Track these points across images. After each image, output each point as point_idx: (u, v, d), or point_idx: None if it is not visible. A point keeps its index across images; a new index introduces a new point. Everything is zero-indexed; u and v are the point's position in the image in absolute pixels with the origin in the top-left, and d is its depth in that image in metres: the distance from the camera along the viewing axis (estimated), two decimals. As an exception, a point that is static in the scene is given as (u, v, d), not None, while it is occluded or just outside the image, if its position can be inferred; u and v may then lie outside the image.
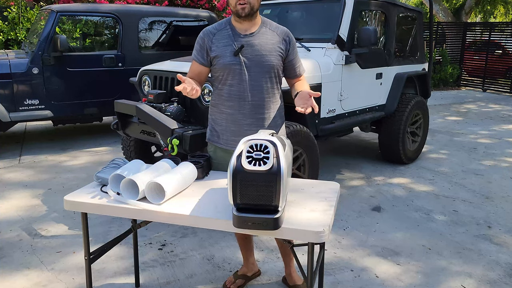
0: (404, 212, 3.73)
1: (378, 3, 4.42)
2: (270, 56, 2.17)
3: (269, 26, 2.22)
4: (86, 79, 5.54)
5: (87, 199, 1.92)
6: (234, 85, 2.19)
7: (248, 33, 2.16)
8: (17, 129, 6.54)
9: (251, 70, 2.16)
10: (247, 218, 1.59)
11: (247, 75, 2.17)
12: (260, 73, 2.18)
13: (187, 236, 3.20)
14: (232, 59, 2.14)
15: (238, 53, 2.14)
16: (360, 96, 4.29)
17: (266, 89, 2.21)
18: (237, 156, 1.60)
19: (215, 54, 2.16)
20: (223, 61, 2.15)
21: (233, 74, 2.17)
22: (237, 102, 2.20)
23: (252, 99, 2.20)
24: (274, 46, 2.18)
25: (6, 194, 3.98)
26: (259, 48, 2.15)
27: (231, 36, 2.16)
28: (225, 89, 2.21)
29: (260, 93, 2.20)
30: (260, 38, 2.17)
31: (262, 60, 2.16)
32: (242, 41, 2.15)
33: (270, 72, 2.20)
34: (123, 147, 4.23)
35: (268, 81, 2.21)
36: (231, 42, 2.15)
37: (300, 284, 2.56)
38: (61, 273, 2.71)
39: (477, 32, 12.55)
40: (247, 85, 2.18)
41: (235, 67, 2.15)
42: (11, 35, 7.51)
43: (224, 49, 2.15)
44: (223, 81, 2.21)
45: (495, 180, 4.57)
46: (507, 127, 7.30)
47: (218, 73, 2.21)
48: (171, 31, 6.50)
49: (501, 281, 2.69)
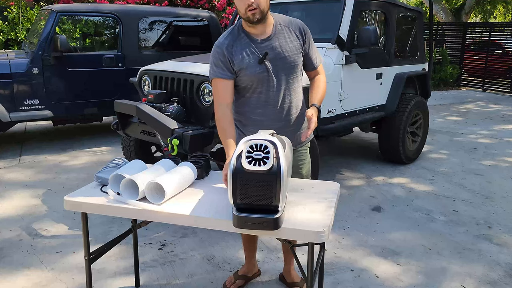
0: (404, 212, 3.72)
1: (378, 3, 4.42)
2: (292, 56, 2.11)
3: (282, 23, 2.12)
4: (86, 79, 5.54)
5: (87, 199, 1.92)
6: (263, 92, 2.12)
7: (265, 37, 2.07)
8: (17, 129, 6.54)
9: (278, 74, 2.10)
10: (247, 218, 1.59)
11: (275, 81, 2.10)
12: (287, 76, 2.12)
13: (187, 236, 3.20)
14: (258, 68, 2.06)
15: (263, 61, 2.06)
16: (360, 96, 4.29)
17: (294, 90, 2.17)
18: (237, 156, 1.60)
19: (239, 67, 2.06)
20: (251, 72, 2.06)
21: (262, 82, 2.09)
22: (267, 109, 2.14)
23: (281, 103, 2.14)
24: (294, 44, 2.11)
25: (6, 194, 3.98)
26: (281, 50, 2.08)
27: (250, 44, 2.06)
28: (254, 97, 2.14)
29: (289, 96, 2.15)
30: (279, 39, 2.09)
31: (287, 62, 2.10)
32: (263, 47, 2.06)
33: (296, 72, 2.15)
34: (123, 147, 4.23)
35: (295, 81, 2.16)
36: (253, 50, 2.06)
37: (298, 281, 2.56)
38: (61, 273, 2.71)
39: (477, 32, 12.54)
40: (275, 91, 2.11)
41: (263, 75, 2.08)
42: (11, 35, 7.51)
43: (248, 59, 2.05)
44: (252, 91, 2.13)
45: (495, 180, 4.57)
46: (507, 127, 7.30)
47: (245, 84, 2.11)
48: (171, 31, 6.50)
49: (501, 281, 2.69)
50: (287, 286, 2.59)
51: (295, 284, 2.56)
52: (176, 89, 3.54)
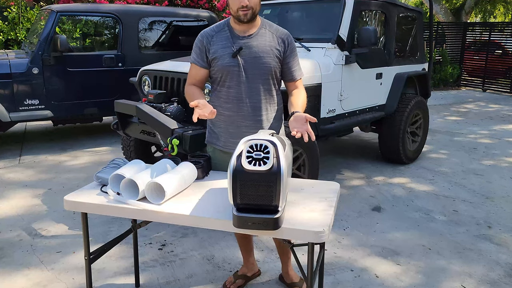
0: (404, 212, 3.73)
1: (378, 3, 4.42)
2: (267, 57, 2.15)
3: (268, 28, 2.20)
4: (86, 79, 5.54)
5: (87, 199, 1.92)
6: (232, 87, 2.18)
7: (246, 34, 2.15)
8: (17, 129, 6.54)
9: (248, 71, 2.15)
10: (247, 218, 1.59)
11: (244, 77, 2.16)
12: (257, 75, 2.17)
13: (187, 236, 3.20)
14: (230, 61, 2.13)
15: (236, 55, 2.13)
16: (360, 96, 4.29)
17: (263, 91, 2.21)
18: (237, 156, 1.60)
19: (213, 56, 2.16)
20: (222, 63, 2.14)
21: (231, 76, 2.16)
22: (235, 104, 2.20)
23: (250, 101, 2.19)
24: (271, 47, 2.17)
25: (6, 194, 3.98)
26: (257, 50, 2.14)
27: (229, 38, 2.15)
28: (223, 91, 2.21)
29: (257, 95, 2.19)
30: (258, 40, 2.15)
31: (259, 62, 2.15)
32: (241, 43, 2.14)
33: (267, 74, 2.18)
34: (123, 147, 4.23)
35: (265, 83, 2.20)
36: (229, 44, 2.14)
37: (297, 281, 2.57)
38: (61, 273, 2.71)
39: (477, 32, 12.54)
40: (244, 87, 2.17)
41: (233, 69, 2.14)
42: (11, 35, 7.51)
43: (222, 51, 2.14)
44: (221, 83, 2.21)
45: (495, 180, 4.57)
46: (507, 127, 7.30)
47: (216, 75, 2.20)
48: (171, 31, 6.49)
49: (501, 281, 2.69)
50: (287, 287, 2.60)
51: (295, 284, 2.56)
52: (176, 89, 3.54)
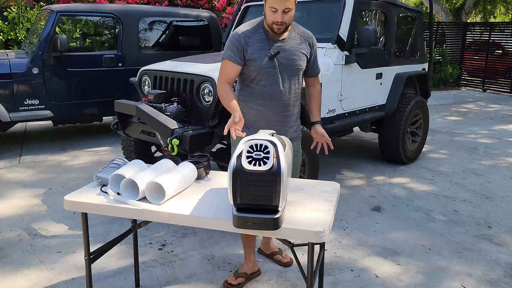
0: (404, 212, 3.73)
1: (378, 3, 4.42)
2: (298, 60, 2.36)
3: (297, 31, 2.39)
4: (86, 79, 5.54)
5: (87, 199, 1.92)
6: (267, 86, 2.35)
7: (280, 38, 2.32)
8: (17, 129, 6.54)
9: (283, 73, 2.34)
10: (247, 218, 1.59)
11: (280, 78, 2.34)
12: (291, 76, 2.37)
13: (187, 236, 3.20)
14: (267, 63, 2.30)
15: (273, 58, 2.30)
16: (360, 96, 4.29)
17: (294, 90, 2.42)
18: (237, 156, 1.60)
19: (251, 57, 2.29)
20: (259, 64, 2.29)
21: (267, 76, 2.33)
22: (269, 101, 2.36)
23: (283, 99, 2.38)
24: (301, 50, 2.38)
25: (6, 194, 3.98)
26: (290, 53, 2.33)
27: (265, 41, 2.30)
28: (258, 88, 2.36)
29: (289, 94, 2.39)
30: (291, 43, 2.34)
31: (293, 64, 2.35)
32: (277, 47, 2.30)
33: (298, 74, 2.41)
34: (123, 147, 4.23)
35: (296, 82, 2.41)
36: (266, 47, 2.29)
37: (277, 250, 2.79)
38: (61, 273, 2.71)
39: (477, 32, 12.54)
40: (278, 86, 2.35)
41: (269, 70, 2.31)
42: (11, 35, 7.51)
43: (260, 53, 2.28)
44: (256, 81, 2.36)
45: (495, 180, 4.57)
46: (507, 127, 7.30)
47: (251, 74, 2.34)
48: (171, 31, 6.49)
49: (501, 281, 2.69)
50: (267, 257, 2.80)
51: (275, 253, 2.78)
52: (176, 89, 3.54)
